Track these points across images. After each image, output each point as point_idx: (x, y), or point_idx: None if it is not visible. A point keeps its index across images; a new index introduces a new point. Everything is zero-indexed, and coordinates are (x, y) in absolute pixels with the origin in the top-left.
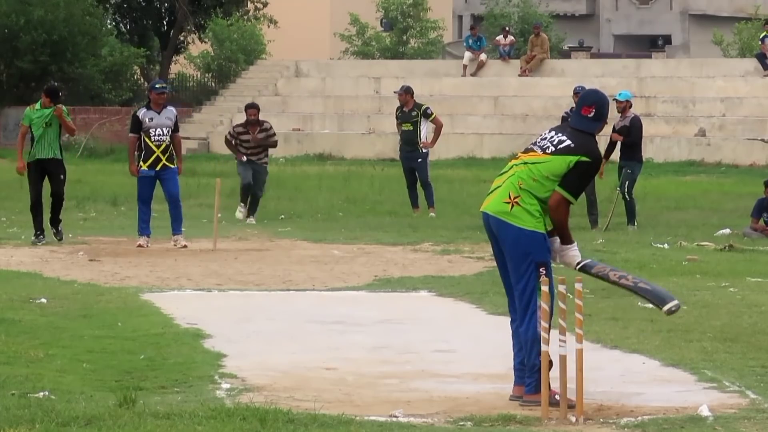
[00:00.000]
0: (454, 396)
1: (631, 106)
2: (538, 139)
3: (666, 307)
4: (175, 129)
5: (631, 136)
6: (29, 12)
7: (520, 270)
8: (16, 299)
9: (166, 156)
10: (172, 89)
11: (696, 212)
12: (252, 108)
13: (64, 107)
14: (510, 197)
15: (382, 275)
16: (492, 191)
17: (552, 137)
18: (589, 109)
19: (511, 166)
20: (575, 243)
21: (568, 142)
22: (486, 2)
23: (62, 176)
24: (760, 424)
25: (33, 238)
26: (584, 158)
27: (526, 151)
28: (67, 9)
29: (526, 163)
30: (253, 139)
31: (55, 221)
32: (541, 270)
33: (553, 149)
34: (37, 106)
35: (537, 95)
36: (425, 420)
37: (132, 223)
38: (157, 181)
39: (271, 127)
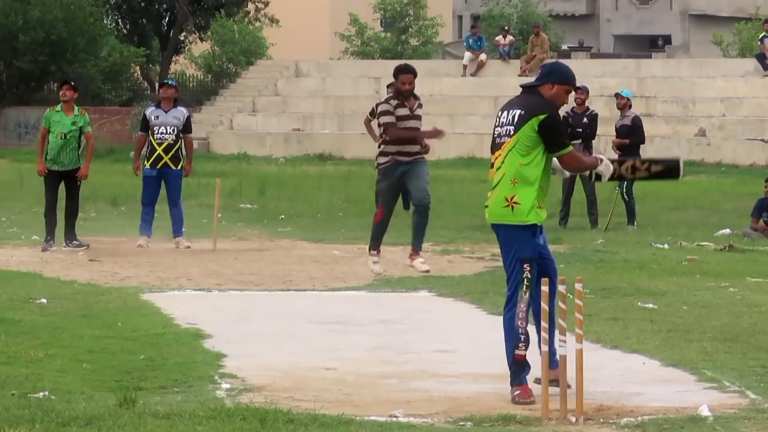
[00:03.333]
0: (454, 396)
1: (630, 106)
2: (498, 126)
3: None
4: (186, 130)
5: (636, 136)
6: (28, 12)
7: (509, 265)
8: (16, 299)
9: (169, 155)
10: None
11: (696, 212)
12: (407, 73)
13: (89, 124)
14: (508, 200)
15: (382, 275)
16: (493, 188)
17: (507, 117)
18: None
19: (500, 165)
20: (598, 157)
21: (518, 111)
22: (486, 2)
23: (79, 182)
24: (760, 424)
25: (44, 243)
26: (540, 116)
27: (498, 146)
28: (66, 9)
29: (508, 153)
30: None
31: (71, 235)
32: (525, 266)
33: (514, 128)
34: (58, 108)
35: None
36: (425, 420)
37: (132, 223)
38: (162, 181)
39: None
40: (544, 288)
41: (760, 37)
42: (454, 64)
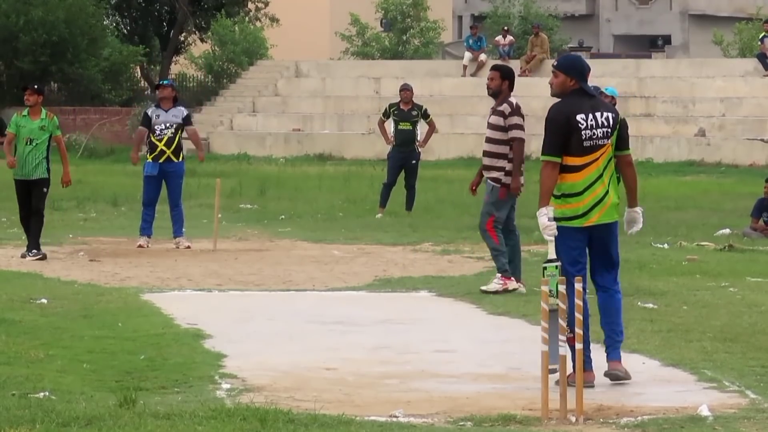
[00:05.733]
0: (454, 396)
1: (615, 104)
2: (588, 128)
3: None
4: (188, 123)
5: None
6: (29, 12)
7: (617, 256)
8: (17, 299)
9: (171, 149)
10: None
11: (696, 212)
12: (491, 70)
13: (57, 126)
14: (619, 199)
15: (382, 275)
16: (599, 201)
17: (600, 119)
18: (588, 75)
19: (603, 171)
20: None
21: (610, 114)
22: (491, 1)
23: (45, 189)
24: (760, 424)
25: (24, 251)
26: (622, 119)
27: (597, 147)
28: (67, 10)
29: (611, 156)
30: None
31: (35, 244)
32: None
33: (610, 130)
34: (24, 112)
35: (537, 95)
36: (425, 420)
37: (132, 224)
38: (163, 181)
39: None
40: (544, 288)
41: (761, 36)
42: (454, 64)
